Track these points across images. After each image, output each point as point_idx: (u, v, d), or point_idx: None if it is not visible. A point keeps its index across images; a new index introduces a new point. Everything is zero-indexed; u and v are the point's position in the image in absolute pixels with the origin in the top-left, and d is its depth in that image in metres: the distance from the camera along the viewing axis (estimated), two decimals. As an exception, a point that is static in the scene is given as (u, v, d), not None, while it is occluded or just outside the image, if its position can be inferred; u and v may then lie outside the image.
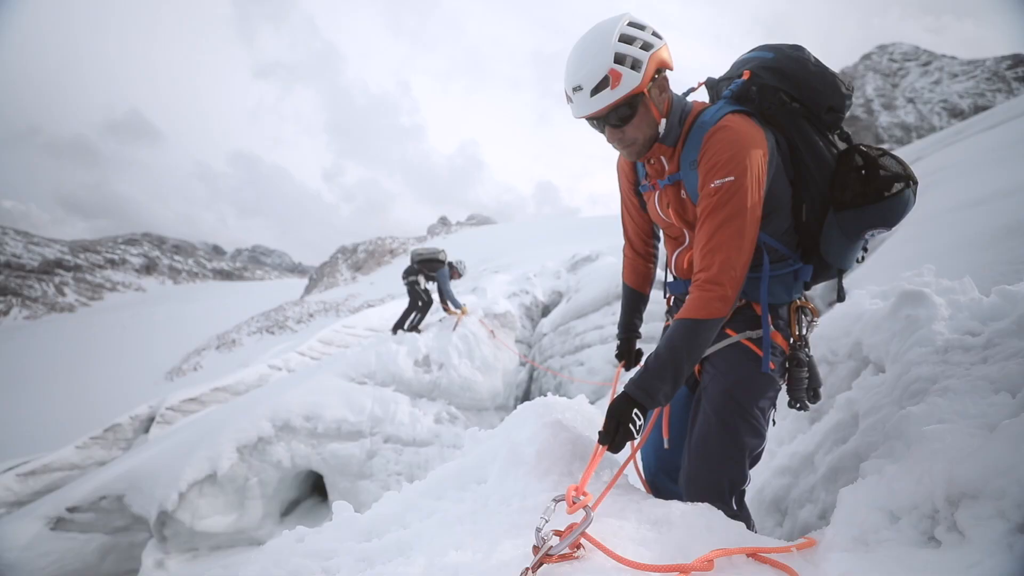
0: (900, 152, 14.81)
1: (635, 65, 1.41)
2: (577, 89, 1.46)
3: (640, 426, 1.42)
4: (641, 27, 1.44)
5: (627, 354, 2.07)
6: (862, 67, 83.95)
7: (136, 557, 7.22)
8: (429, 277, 8.79)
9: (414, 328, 9.11)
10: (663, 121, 1.52)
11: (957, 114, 70.24)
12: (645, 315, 2.12)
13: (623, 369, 2.06)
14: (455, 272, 8.90)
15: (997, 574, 0.74)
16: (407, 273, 8.86)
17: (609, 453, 1.48)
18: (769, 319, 1.59)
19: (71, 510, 7.38)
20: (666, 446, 1.82)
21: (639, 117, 1.49)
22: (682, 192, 1.59)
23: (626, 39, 1.41)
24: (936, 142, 13.10)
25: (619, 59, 1.40)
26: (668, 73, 1.51)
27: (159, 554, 6.87)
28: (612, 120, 1.49)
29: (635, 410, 1.40)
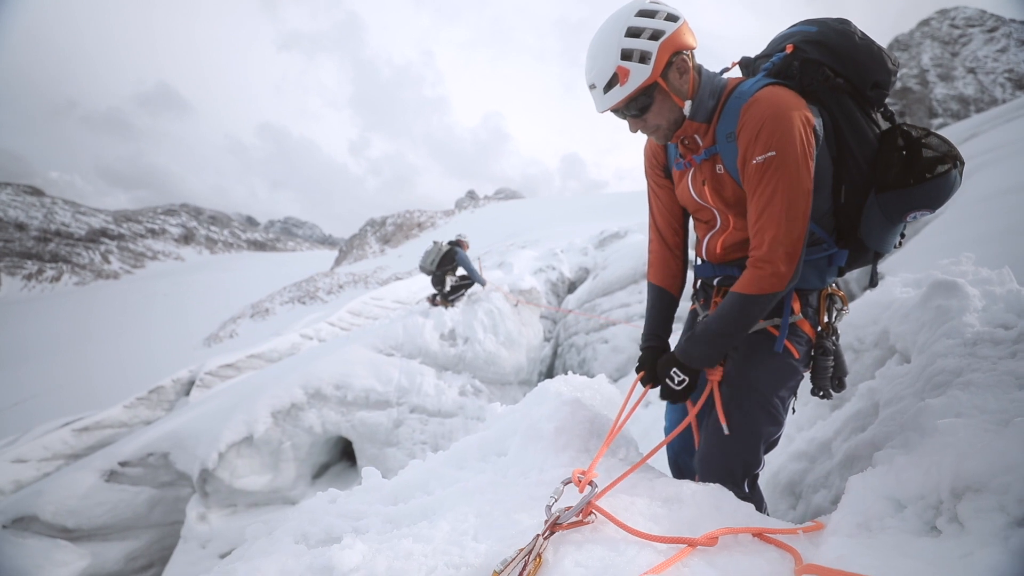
0: (956, 127, 13.90)
1: (644, 58, 1.40)
2: (592, 87, 1.48)
3: (680, 380, 1.55)
4: (652, 14, 1.41)
5: (650, 366, 1.72)
6: (919, 34, 78.20)
7: (181, 510, 7.75)
8: (453, 269, 8.98)
9: (447, 302, 9.28)
10: (687, 103, 1.49)
11: (1023, 86, 65.12)
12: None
13: (639, 383, 1.73)
14: (464, 244, 9.00)
15: (987, 564, 0.76)
16: (439, 283, 9.02)
17: (624, 432, 1.53)
18: (795, 304, 1.56)
19: (123, 464, 7.93)
20: (696, 446, 1.75)
21: (658, 104, 1.48)
22: (718, 167, 1.54)
23: (633, 32, 1.40)
24: (996, 117, 12.25)
25: (626, 55, 1.40)
26: (694, 51, 1.48)
27: (201, 508, 7.35)
28: (632, 110, 1.49)
29: (674, 368, 1.55)
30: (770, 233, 1.39)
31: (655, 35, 1.40)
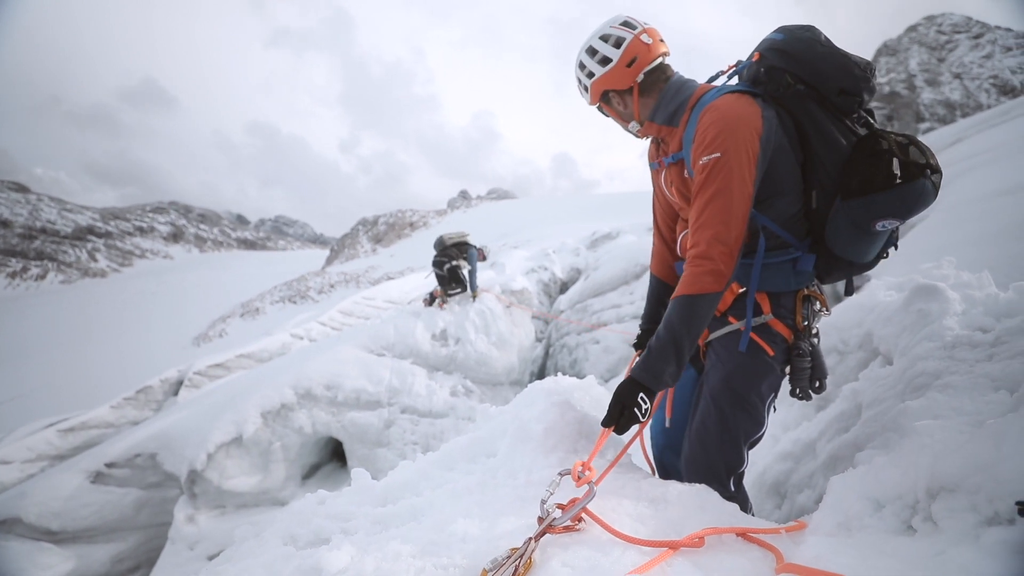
0: (942, 131, 14.12)
1: (585, 89, 1.74)
2: None
3: (646, 409, 1.44)
4: (594, 52, 1.66)
5: (645, 345, 1.95)
6: (907, 39, 79.30)
7: (168, 512, 7.67)
8: (463, 258, 9.08)
9: (446, 297, 9.29)
10: (632, 123, 1.73)
11: (1008, 91, 66.15)
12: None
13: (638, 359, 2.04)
14: (481, 254, 9.22)
15: (959, 563, 0.79)
16: (445, 258, 8.98)
17: (614, 433, 1.54)
18: (762, 305, 1.58)
19: (109, 466, 7.83)
20: (667, 425, 1.87)
21: (611, 117, 1.78)
22: (684, 171, 1.62)
23: (580, 65, 1.71)
24: (981, 122, 12.47)
25: (577, 80, 1.75)
26: (637, 83, 1.65)
27: (190, 510, 7.28)
28: (601, 112, 1.78)
29: (641, 393, 1.44)
30: (710, 231, 1.43)
31: (590, 75, 1.68)
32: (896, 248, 1.62)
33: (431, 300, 9.31)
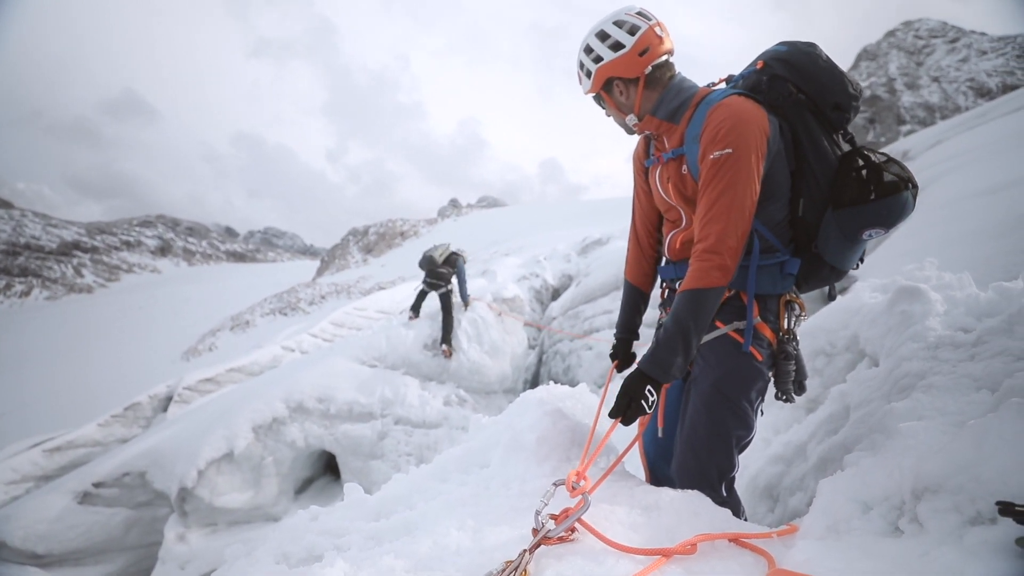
0: (923, 134, 14.43)
1: (588, 74, 1.69)
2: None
3: (653, 401, 1.47)
4: (605, 36, 1.63)
5: (622, 354, 2.02)
6: (885, 44, 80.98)
7: (159, 531, 7.52)
8: (452, 274, 8.60)
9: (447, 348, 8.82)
10: (630, 116, 1.70)
11: (984, 93, 67.69)
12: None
13: (615, 371, 2.00)
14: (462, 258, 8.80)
15: (943, 563, 0.81)
16: (436, 279, 8.45)
17: (608, 441, 1.55)
18: (756, 307, 1.61)
19: (97, 485, 7.67)
20: (660, 434, 1.87)
21: (607, 108, 1.76)
22: (683, 167, 1.65)
23: (587, 49, 1.67)
24: (959, 124, 12.75)
25: (580, 64, 1.71)
26: (645, 74, 1.62)
27: (180, 528, 7.15)
28: (597, 102, 1.77)
29: (648, 386, 1.46)
30: (718, 226, 1.47)
31: (597, 59, 1.65)
32: (863, 261, 1.72)
33: (416, 313, 9.05)
